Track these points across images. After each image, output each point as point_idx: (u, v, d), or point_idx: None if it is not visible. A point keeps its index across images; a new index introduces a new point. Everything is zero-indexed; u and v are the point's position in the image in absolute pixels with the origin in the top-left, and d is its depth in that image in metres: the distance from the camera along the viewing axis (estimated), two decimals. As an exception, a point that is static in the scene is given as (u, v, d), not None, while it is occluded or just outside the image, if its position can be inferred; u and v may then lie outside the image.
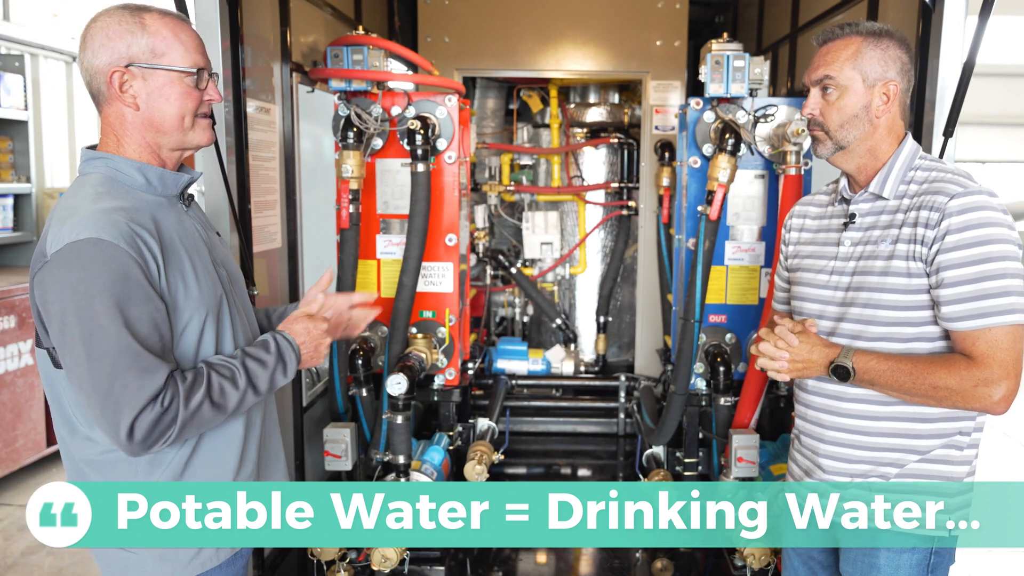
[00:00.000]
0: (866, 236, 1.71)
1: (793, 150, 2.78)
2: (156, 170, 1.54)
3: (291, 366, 1.60)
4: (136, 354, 1.37)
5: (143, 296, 1.39)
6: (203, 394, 1.43)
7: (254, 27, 2.46)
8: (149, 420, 1.37)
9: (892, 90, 1.67)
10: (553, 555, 3.18)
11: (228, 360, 1.51)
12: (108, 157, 1.52)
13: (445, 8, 4.24)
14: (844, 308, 1.71)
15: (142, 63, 1.49)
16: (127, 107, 1.50)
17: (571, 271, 4.74)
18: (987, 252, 1.53)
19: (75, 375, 1.39)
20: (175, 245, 1.49)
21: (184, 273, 1.49)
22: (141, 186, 1.52)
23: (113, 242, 1.36)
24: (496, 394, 3.91)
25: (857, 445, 1.71)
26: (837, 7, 3.14)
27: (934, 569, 1.69)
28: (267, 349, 1.57)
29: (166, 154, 1.56)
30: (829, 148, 1.72)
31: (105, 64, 1.48)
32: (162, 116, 1.51)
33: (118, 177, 1.51)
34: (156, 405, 1.37)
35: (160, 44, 1.50)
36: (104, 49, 1.47)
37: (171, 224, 1.51)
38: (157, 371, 1.39)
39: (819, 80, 1.71)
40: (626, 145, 4.50)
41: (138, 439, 1.37)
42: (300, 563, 2.75)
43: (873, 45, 1.67)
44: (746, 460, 2.76)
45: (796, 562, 1.93)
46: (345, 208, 2.74)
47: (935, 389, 1.55)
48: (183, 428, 1.41)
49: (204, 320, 1.51)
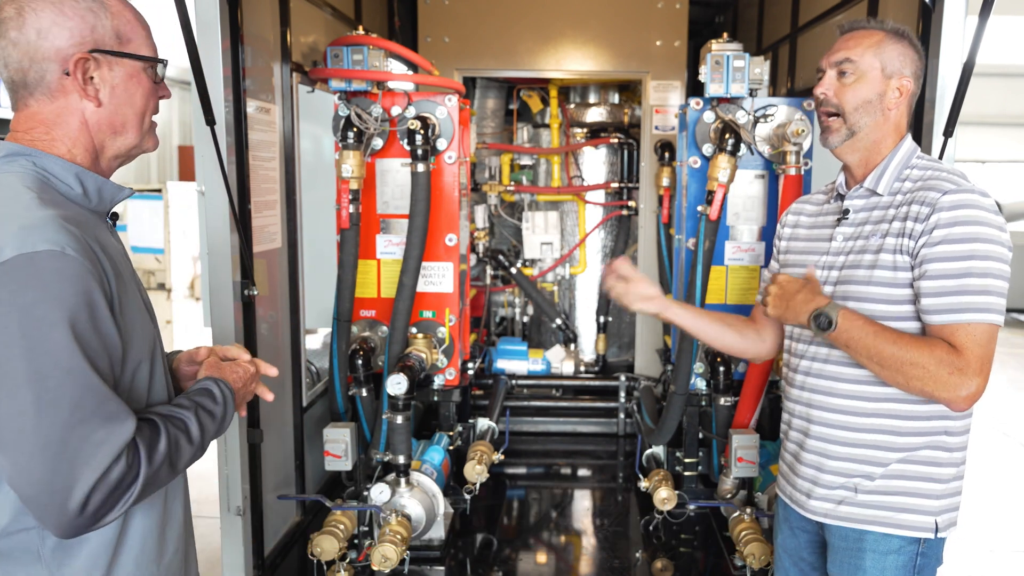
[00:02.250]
0: (858, 231, 1.72)
1: (793, 150, 2.78)
2: (95, 178, 1.25)
3: (229, 418, 1.37)
4: (102, 398, 1.09)
5: (105, 328, 1.13)
6: (164, 450, 1.17)
7: (254, 27, 2.46)
8: (112, 482, 1.09)
9: (906, 86, 1.70)
10: (553, 555, 3.18)
11: (180, 411, 1.25)
12: (34, 154, 1.20)
13: (445, 8, 4.25)
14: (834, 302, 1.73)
15: (109, 49, 1.23)
16: (87, 101, 1.23)
17: (571, 271, 4.74)
18: (973, 250, 1.54)
19: (11, 428, 1.06)
20: (119, 269, 1.21)
21: (132, 302, 1.23)
22: (76, 196, 1.23)
23: (78, 258, 1.09)
24: (496, 394, 3.91)
25: (841, 441, 1.72)
26: (837, 7, 3.15)
27: (920, 570, 1.69)
28: (213, 399, 1.33)
29: (106, 162, 1.29)
30: (842, 134, 1.72)
31: (58, 47, 1.19)
32: (124, 115, 1.27)
33: (49, 181, 1.20)
34: (121, 463, 1.10)
35: (125, 28, 1.25)
36: (58, 28, 1.19)
37: (109, 244, 1.23)
38: (124, 420, 1.11)
39: (839, 62, 1.71)
40: (626, 145, 4.51)
41: (91, 509, 1.08)
42: (300, 563, 2.75)
43: (895, 41, 1.70)
44: (746, 460, 2.77)
45: (787, 563, 1.94)
46: (345, 208, 2.74)
47: (912, 365, 1.53)
48: (142, 492, 1.14)
49: (147, 360, 1.25)
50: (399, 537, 2.58)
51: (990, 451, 5.20)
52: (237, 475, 2.34)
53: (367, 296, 3.04)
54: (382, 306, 3.04)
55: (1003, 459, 5.09)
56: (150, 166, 12.99)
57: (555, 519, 3.50)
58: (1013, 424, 5.77)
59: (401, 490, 2.75)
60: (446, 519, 2.94)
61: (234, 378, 1.41)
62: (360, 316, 3.04)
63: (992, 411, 6.00)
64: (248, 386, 1.46)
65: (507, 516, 3.44)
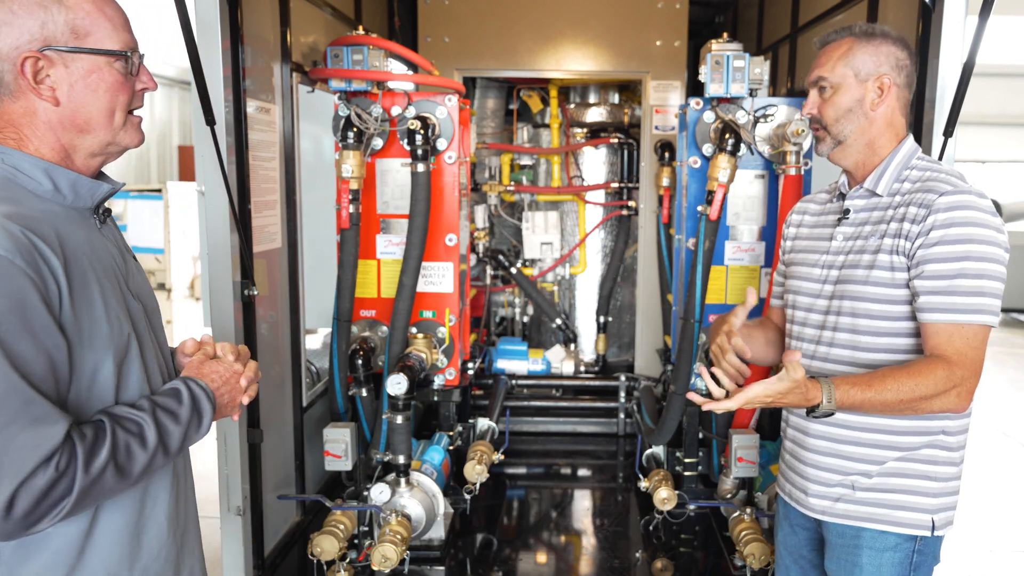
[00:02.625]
0: (857, 231, 1.74)
1: (793, 150, 2.78)
2: (68, 174, 1.23)
3: (206, 419, 1.30)
4: (27, 401, 1.06)
5: (40, 328, 1.09)
6: (107, 455, 1.12)
7: (254, 27, 2.46)
8: (38, 489, 1.05)
9: (886, 83, 1.71)
10: (553, 555, 3.18)
11: (134, 412, 1.20)
12: (5, 152, 1.20)
13: (445, 8, 4.25)
14: (832, 301, 1.74)
15: (61, 46, 1.19)
16: (43, 101, 1.20)
17: (571, 271, 4.74)
18: (969, 251, 1.55)
19: None
20: (82, 267, 1.18)
21: (92, 302, 1.18)
22: (47, 192, 1.22)
23: (7, 257, 1.07)
24: (496, 394, 3.91)
25: (839, 439, 1.73)
26: (837, 7, 3.15)
27: (917, 568, 1.70)
28: (179, 399, 1.27)
29: (83, 160, 1.27)
30: (828, 144, 1.76)
31: (10, 47, 1.16)
32: (87, 113, 1.23)
33: (16, 178, 1.20)
34: (49, 469, 1.06)
35: (83, 21, 1.20)
36: (7, 27, 1.16)
37: (79, 242, 1.20)
38: (53, 423, 1.08)
39: (815, 82, 1.77)
40: (626, 145, 4.51)
41: (18, 514, 1.05)
42: (300, 563, 2.76)
43: (864, 43, 1.71)
44: (746, 460, 2.77)
45: (787, 560, 1.95)
46: (345, 208, 2.74)
47: (919, 400, 1.54)
48: (79, 501, 1.10)
49: (107, 363, 1.21)
50: (399, 537, 2.58)
51: (990, 451, 5.20)
52: (237, 475, 2.34)
53: (367, 296, 3.04)
54: (382, 306, 3.04)
55: (1003, 459, 5.09)
56: (150, 166, 12.98)
57: (555, 519, 3.50)
58: (1013, 424, 5.77)
59: (401, 490, 2.75)
60: (446, 519, 2.94)
61: (214, 378, 1.35)
62: (360, 316, 3.04)
63: (992, 411, 6.00)
64: (233, 386, 1.39)
65: (507, 516, 3.44)
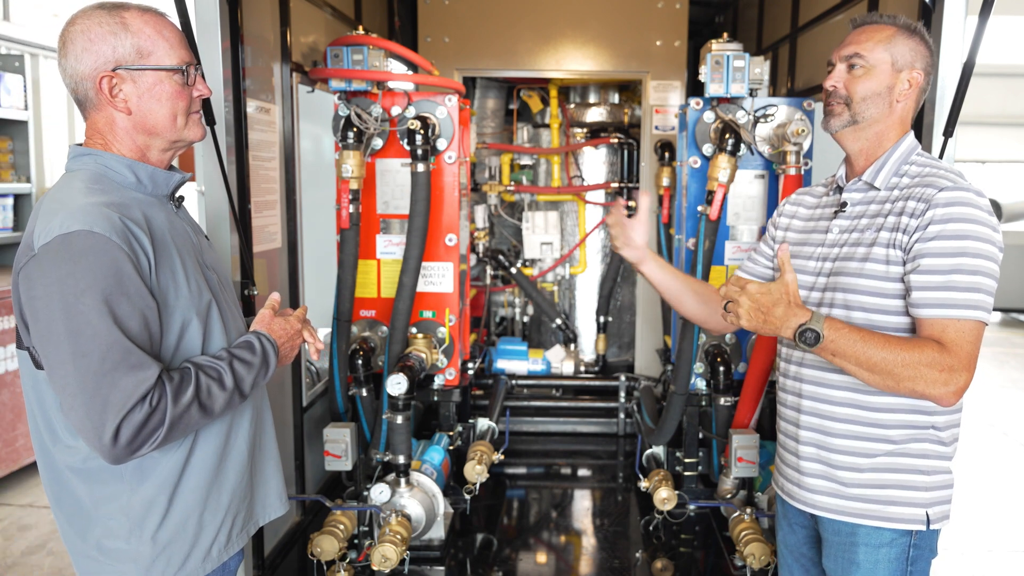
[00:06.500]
0: (853, 224, 1.73)
1: (793, 150, 2.78)
2: (147, 168, 1.51)
3: (272, 366, 1.58)
4: (126, 351, 1.32)
5: (135, 292, 1.35)
6: (191, 395, 1.39)
7: (254, 27, 2.46)
8: (137, 421, 1.31)
9: (916, 78, 1.71)
10: (553, 555, 3.18)
11: (214, 361, 1.47)
12: (97, 154, 1.48)
13: (445, 8, 4.25)
14: (825, 293, 1.73)
15: (129, 65, 1.45)
16: (119, 112, 1.47)
17: (571, 271, 4.74)
18: (965, 247, 1.55)
19: (58, 374, 1.33)
20: (166, 243, 1.46)
21: (175, 272, 1.45)
22: (131, 184, 1.49)
23: (105, 235, 1.33)
24: (496, 394, 3.91)
25: (828, 432, 1.73)
26: (837, 7, 3.15)
27: (914, 562, 1.70)
28: (252, 350, 1.54)
29: (156, 155, 1.53)
30: (843, 120, 1.73)
31: (91, 69, 1.44)
32: (155, 118, 1.49)
33: (108, 174, 1.48)
34: (144, 405, 1.32)
35: (145, 43, 1.46)
36: (87, 53, 1.43)
37: (161, 223, 1.48)
38: (147, 368, 1.34)
39: (848, 56, 1.72)
40: (626, 145, 4.51)
41: (123, 442, 1.31)
42: (300, 563, 2.76)
43: (907, 36, 1.71)
44: (746, 460, 2.76)
45: (789, 559, 1.95)
46: (345, 208, 2.74)
47: (903, 366, 1.51)
48: (170, 431, 1.36)
49: (192, 322, 1.48)
50: (399, 537, 2.58)
51: (989, 451, 5.20)
52: (237, 475, 2.34)
53: (367, 296, 3.04)
54: (382, 306, 3.04)
55: (1002, 459, 5.08)
56: (150, 166, 12.98)
57: (555, 519, 3.50)
58: (1012, 424, 5.77)
59: (401, 490, 2.75)
60: (446, 519, 2.94)
61: (280, 333, 1.63)
62: (360, 316, 3.04)
63: (991, 411, 6.00)
64: (293, 340, 1.66)
65: (507, 516, 3.44)
